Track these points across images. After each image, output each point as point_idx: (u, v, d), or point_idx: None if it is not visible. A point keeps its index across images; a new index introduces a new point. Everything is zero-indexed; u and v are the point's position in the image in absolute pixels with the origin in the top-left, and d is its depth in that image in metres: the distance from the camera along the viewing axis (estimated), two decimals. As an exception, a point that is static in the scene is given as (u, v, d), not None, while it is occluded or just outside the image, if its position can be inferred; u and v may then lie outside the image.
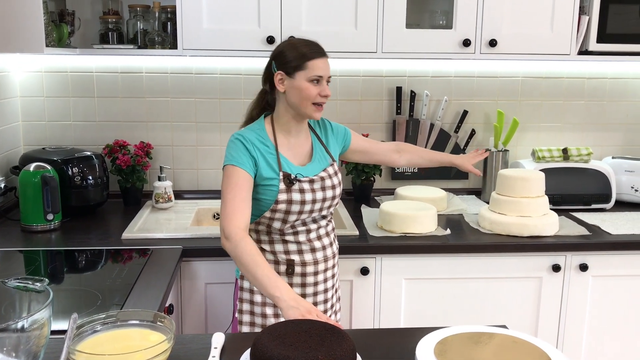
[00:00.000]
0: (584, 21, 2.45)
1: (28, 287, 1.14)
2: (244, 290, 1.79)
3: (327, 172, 1.81)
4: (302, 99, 1.72)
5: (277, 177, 1.72)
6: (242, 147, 1.71)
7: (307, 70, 1.71)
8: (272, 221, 1.74)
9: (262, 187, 1.72)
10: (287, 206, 1.71)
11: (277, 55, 1.74)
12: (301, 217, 1.75)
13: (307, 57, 1.71)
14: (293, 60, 1.71)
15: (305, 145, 1.83)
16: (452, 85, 2.81)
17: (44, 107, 2.66)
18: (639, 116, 2.93)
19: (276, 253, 1.78)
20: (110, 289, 1.70)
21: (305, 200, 1.73)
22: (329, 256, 1.84)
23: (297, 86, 1.71)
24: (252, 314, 1.79)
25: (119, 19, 2.52)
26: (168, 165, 2.70)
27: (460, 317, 2.25)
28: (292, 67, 1.71)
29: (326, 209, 1.81)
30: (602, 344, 2.33)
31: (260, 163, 1.71)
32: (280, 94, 1.76)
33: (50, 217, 2.22)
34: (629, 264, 2.26)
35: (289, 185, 1.71)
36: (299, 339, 1.17)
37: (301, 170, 1.77)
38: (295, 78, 1.71)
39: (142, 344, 1.16)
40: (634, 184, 2.67)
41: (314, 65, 1.71)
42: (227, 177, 1.69)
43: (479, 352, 1.24)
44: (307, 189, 1.74)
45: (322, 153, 1.85)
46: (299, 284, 1.80)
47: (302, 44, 1.73)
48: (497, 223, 2.26)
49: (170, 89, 2.69)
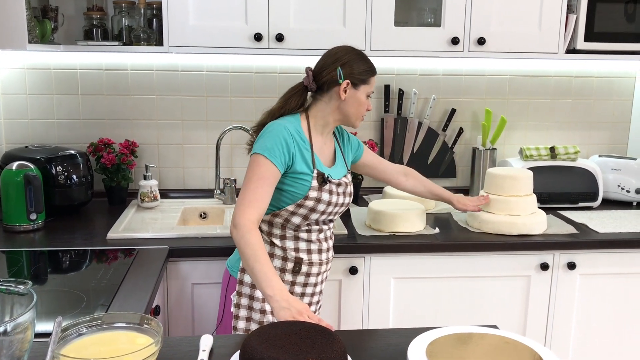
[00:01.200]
0: (572, 20, 2.46)
1: (11, 290, 1.12)
2: (244, 285, 1.77)
3: (347, 179, 1.85)
4: (357, 111, 1.79)
5: (310, 174, 1.72)
6: (282, 140, 1.68)
7: (369, 86, 1.79)
8: (293, 216, 1.74)
9: (293, 179, 1.72)
10: (314, 204, 1.72)
11: (346, 64, 1.74)
12: (322, 217, 1.77)
13: (372, 73, 1.79)
14: (363, 73, 1.76)
15: (331, 149, 1.86)
16: (440, 83, 2.80)
17: (26, 105, 2.61)
18: (625, 115, 2.94)
19: (286, 249, 1.78)
20: (95, 290, 1.67)
21: (331, 202, 1.75)
22: (330, 259, 1.88)
23: (358, 98, 1.77)
24: (250, 309, 1.77)
25: (103, 15, 2.48)
26: (154, 164, 2.67)
27: (449, 316, 2.25)
28: (360, 79, 1.75)
29: (339, 213, 1.84)
30: (590, 341, 2.34)
31: (296, 157, 1.71)
32: (332, 99, 1.77)
33: (33, 217, 2.19)
34: (616, 262, 2.27)
35: (322, 184, 1.73)
36: (289, 341, 1.15)
37: (329, 172, 1.79)
38: (359, 90, 1.77)
39: (129, 347, 1.14)
40: (621, 182, 2.68)
41: (373, 82, 1.80)
42: (256, 166, 1.67)
43: (470, 353, 1.23)
44: (334, 191, 1.77)
45: (341, 160, 1.88)
46: (302, 283, 1.80)
47: (365, 59, 1.79)
48: (485, 222, 2.25)
49: (156, 87, 2.66)
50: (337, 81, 1.74)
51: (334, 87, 1.75)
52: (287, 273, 1.78)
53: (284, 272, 1.77)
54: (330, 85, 1.76)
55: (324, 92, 1.78)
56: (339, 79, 1.74)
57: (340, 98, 1.75)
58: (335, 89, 1.75)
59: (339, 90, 1.75)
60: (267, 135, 1.71)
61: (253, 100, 2.69)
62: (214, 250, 2.06)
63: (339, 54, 1.77)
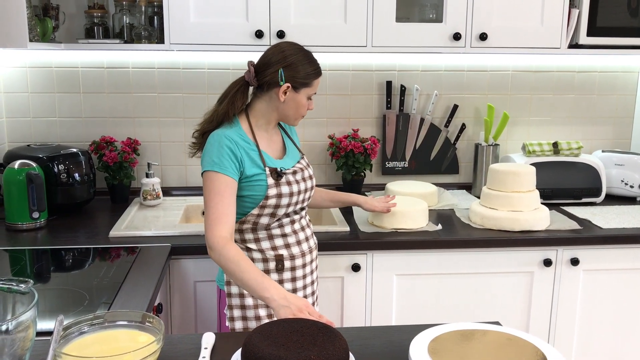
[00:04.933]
0: (574, 14, 2.44)
1: (12, 289, 1.12)
2: (233, 297, 1.75)
3: (302, 164, 1.83)
4: (296, 113, 1.76)
5: (263, 172, 1.70)
6: (226, 150, 1.66)
7: (311, 88, 1.74)
8: (260, 217, 1.72)
9: (248, 184, 1.69)
10: (277, 200, 1.70)
11: (290, 67, 1.69)
12: (288, 209, 1.75)
13: (315, 76, 1.74)
14: (306, 77, 1.71)
15: (278, 141, 1.84)
16: (442, 79, 2.79)
17: (28, 103, 2.61)
18: (628, 110, 2.93)
19: (264, 250, 1.76)
20: (97, 288, 1.67)
21: (293, 192, 1.73)
22: (312, 247, 1.86)
23: (297, 101, 1.73)
24: (244, 320, 1.75)
25: (104, 13, 2.48)
26: (156, 162, 2.67)
27: (452, 313, 2.24)
28: (302, 82, 1.71)
29: (307, 200, 1.82)
30: (594, 337, 2.33)
31: (245, 161, 1.69)
32: (271, 99, 1.74)
33: (35, 216, 2.19)
34: (620, 258, 2.26)
35: (278, 179, 1.71)
36: (290, 339, 1.15)
37: (281, 164, 1.76)
38: (300, 93, 1.73)
39: (131, 345, 1.13)
40: (624, 177, 2.67)
41: (316, 84, 1.76)
42: (210, 183, 1.65)
43: (472, 350, 1.23)
44: (293, 181, 1.75)
45: (292, 147, 1.87)
46: (290, 279, 1.79)
47: (311, 60, 1.73)
48: (488, 218, 2.25)
49: (158, 84, 2.65)
50: (278, 83, 1.69)
51: (273, 88, 1.71)
52: (271, 273, 1.75)
53: (268, 272, 1.75)
54: (271, 86, 1.71)
55: (264, 92, 1.74)
56: (279, 81, 1.69)
57: (279, 99, 1.72)
58: (275, 89, 1.71)
59: (278, 91, 1.71)
60: (209, 149, 1.68)
61: (255, 97, 2.69)
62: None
63: (285, 53, 1.71)
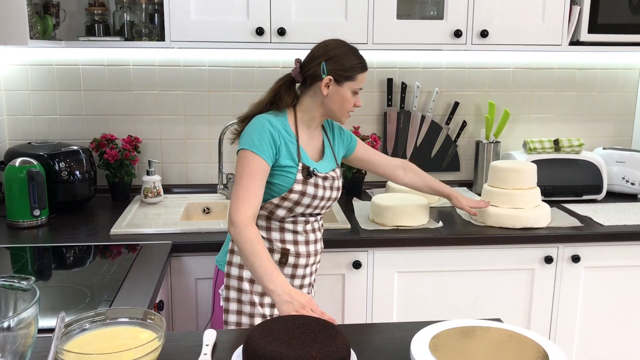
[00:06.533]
0: (575, 11, 2.44)
1: (14, 286, 1.12)
2: (231, 277, 1.77)
3: (335, 174, 1.82)
4: (342, 108, 1.74)
5: (295, 167, 1.71)
6: (267, 134, 1.67)
7: (355, 82, 1.72)
8: (278, 208, 1.73)
9: (278, 173, 1.70)
10: (299, 197, 1.71)
11: (332, 59, 1.70)
12: (307, 210, 1.75)
13: (359, 70, 1.72)
14: (349, 70, 1.70)
15: (318, 143, 1.83)
16: (443, 76, 2.79)
17: (29, 101, 2.61)
18: (629, 107, 2.93)
19: (272, 241, 1.77)
20: (98, 286, 1.67)
21: (316, 195, 1.73)
22: (318, 251, 1.86)
23: (341, 94, 1.72)
24: (239, 302, 1.77)
25: (105, 10, 2.48)
26: (157, 159, 2.67)
27: (453, 310, 2.24)
28: (345, 76, 1.70)
29: (326, 208, 1.82)
30: (595, 334, 2.33)
31: (282, 150, 1.69)
32: (316, 94, 1.74)
33: (36, 213, 2.19)
34: (621, 255, 2.26)
35: (307, 178, 1.71)
36: (292, 336, 1.15)
37: (316, 166, 1.77)
38: (343, 87, 1.71)
39: (132, 342, 1.13)
40: (625, 174, 2.67)
41: (361, 79, 1.73)
42: (245, 162, 1.65)
43: (474, 347, 1.22)
44: (320, 185, 1.74)
45: (330, 154, 1.86)
46: (289, 275, 1.79)
47: (355, 54, 1.72)
48: (489, 215, 2.25)
49: (158, 82, 2.65)
50: (320, 76, 1.70)
51: (317, 81, 1.72)
52: None
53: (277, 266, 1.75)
54: (313, 79, 1.72)
55: (308, 86, 1.75)
56: (321, 74, 1.70)
57: (322, 93, 1.72)
58: (318, 83, 1.72)
59: (321, 85, 1.71)
60: (252, 129, 1.69)
61: (255, 94, 2.68)
62: (217, 245, 2.05)
63: (327, 47, 1.72)
